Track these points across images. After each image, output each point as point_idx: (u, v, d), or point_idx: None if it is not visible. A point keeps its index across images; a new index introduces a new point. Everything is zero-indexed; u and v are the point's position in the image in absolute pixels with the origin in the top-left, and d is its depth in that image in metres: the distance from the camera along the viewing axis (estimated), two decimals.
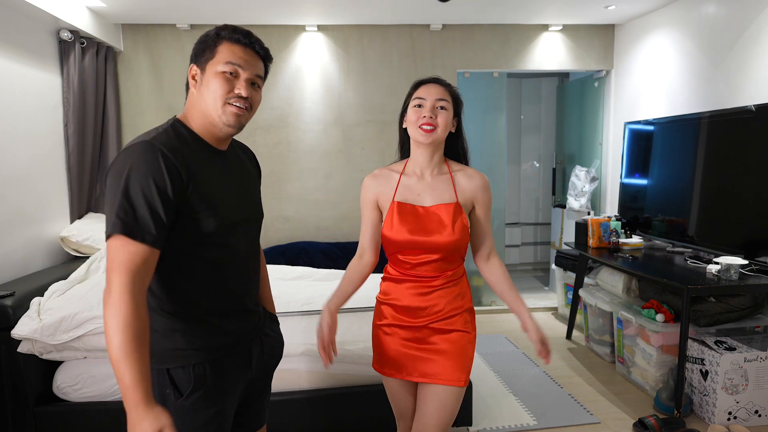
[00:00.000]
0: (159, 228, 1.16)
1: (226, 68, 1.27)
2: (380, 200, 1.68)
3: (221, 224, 1.28)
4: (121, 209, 1.14)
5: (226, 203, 1.31)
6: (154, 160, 1.16)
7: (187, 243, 1.25)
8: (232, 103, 1.27)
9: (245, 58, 1.30)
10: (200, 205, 1.24)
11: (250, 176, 1.49)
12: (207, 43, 1.30)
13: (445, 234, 1.58)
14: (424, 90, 1.62)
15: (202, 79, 1.29)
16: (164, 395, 1.28)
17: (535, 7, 3.83)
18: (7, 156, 2.89)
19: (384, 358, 1.68)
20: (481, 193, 1.66)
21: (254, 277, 1.47)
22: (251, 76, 1.31)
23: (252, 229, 1.46)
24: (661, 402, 2.83)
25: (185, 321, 1.29)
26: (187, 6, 3.57)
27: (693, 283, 2.65)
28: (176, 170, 1.19)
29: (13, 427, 2.34)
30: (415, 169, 1.67)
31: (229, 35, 1.29)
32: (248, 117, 1.33)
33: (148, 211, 1.14)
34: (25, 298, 2.42)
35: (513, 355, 3.66)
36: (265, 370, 1.51)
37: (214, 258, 1.30)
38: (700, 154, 3.19)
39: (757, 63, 3.01)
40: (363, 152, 4.34)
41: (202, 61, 1.29)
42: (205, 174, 1.27)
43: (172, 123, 1.30)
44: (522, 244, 6.19)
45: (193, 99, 1.31)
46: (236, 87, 1.28)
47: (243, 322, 1.40)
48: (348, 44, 4.25)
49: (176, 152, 1.21)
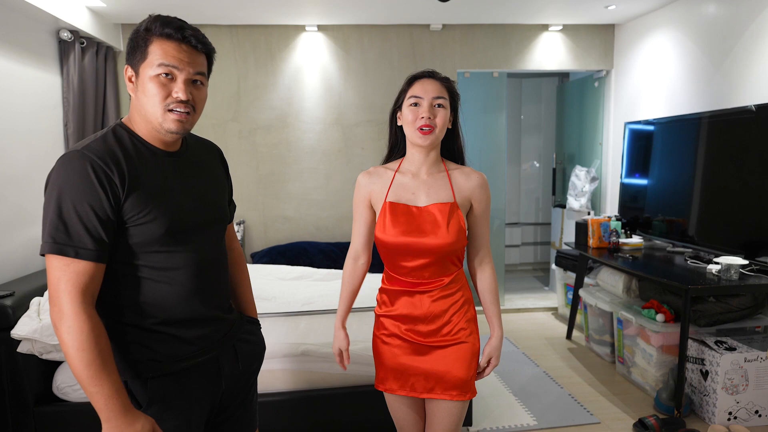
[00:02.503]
0: (96, 242, 1.11)
1: (160, 70, 1.16)
2: (373, 199, 1.62)
3: (170, 229, 1.20)
4: (54, 228, 1.10)
5: (176, 207, 1.23)
6: (83, 174, 1.11)
7: (136, 251, 1.19)
8: (172, 109, 1.18)
9: (179, 57, 1.17)
10: (143, 211, 1.17)
11: (211, 176, 1.38)
12: (137, 42, 1.19)
13: (440, 235, 1.51)
14: (420, 87, 1.54)
15: (137, 83, 1.20)
16: None
17: (535, 7, 3.83)
18: (6, 156, 2.89)
19: (385, 371, 1.63)
20: (479, 192, 1.59)
21: (220, 283, 1.38)
22: (190, 75, 1.19)
23: (212, 232, 1.34)
24: (661, 402, 2.82)
25: (141, 331, 1.23)
26: (187, 6, 3.57)
27: (693, 283, 2.65)
28: (108, 180, 1.13)
29: (13, 427, 2.34)
30: (411, 167, 1.60)
31: (160, 31, 1.17)
32: (193, 120, 1.24)
33: (82, 227, 1.10)
34: (25, 298, 2.41)
35: (513, 355, 3.66)
36: (242, 379, 1.43)
37: (167, 264, 1.22)
38: (700, 154, 3.19)
39: (757, 63, 3.01)
40: (363, 152, 4.34)
41: (134, 62, 1.20)
42: (149, 178, 1.20)
43: (113, 127, 1.23)
44: (522, 244, 6.19)
45: (134, 103, 1.22)
46: (174, 90, 1.18)
47: (208, 330, 1.31)
48: (348, 44, 4.25)
49: (112, 160, 1.15)
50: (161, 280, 1.22)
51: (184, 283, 1.25)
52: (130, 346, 1.23)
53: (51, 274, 1.10)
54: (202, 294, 1.29)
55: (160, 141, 1.25)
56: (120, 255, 1.18)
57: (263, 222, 4.31)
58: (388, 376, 1.62)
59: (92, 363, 1.09)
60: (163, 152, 1.26)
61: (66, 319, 1.09)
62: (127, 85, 1.23)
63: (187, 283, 1.26)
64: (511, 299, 4.90)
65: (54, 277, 1.10)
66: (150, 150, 1.23)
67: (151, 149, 1.24)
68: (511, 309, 4.66)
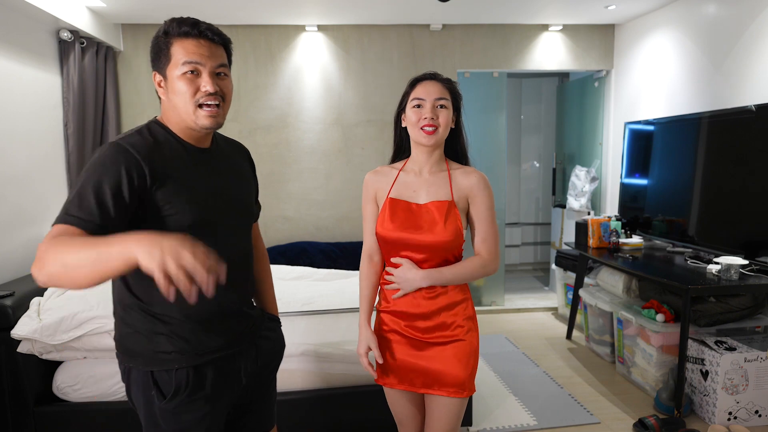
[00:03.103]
0: (104, 218, 1.11)
1: (186, 68, 1.22)
2: (378, 196, 1.67)
3: (196, 221, 1.24)
4: (69, 202, 1.12)
5: (204, 200, 1.27)
6: (113, 160, 1.16)
7: None
8: (203, 104, 1.23)
9: (201, 52, 1.24)
10: (171, 202, 1.21)
11: (239, 174, 1.44)
12: (159, 47, 1.26)
13: (436, 232, 1.54)
14: (422, 89, 1.58)
15: (167, 85, 1.26)
16: (148, 397, 1.27)
17: (535, 7, 3.83)
18: (6, 156, 2.89)
19: (384, 365, 1.65)
20: (477, 191, 1.59)
21: (245, 279, 1.42)
22: (213, 68, 1.25)
23: (239, 228, 1.39)
24: (661, 402, 2.82)
25: (168, 324, 1.27)
26: (187, 6, 3.57)
27: (693, 283, 2.65)
28: (138, 169, 1.17)
29: (13, 427, 2.34)
30: (414, 166, 1.65)
31: (177, 31, 1.24)
32: (224, 112, 1.29)
33: (95, 202, 1.11)
34: (25, 298, 2.41)
35: (513, 355, 3.66)
36: (262, 375, 1.47)
37: None
38: (700, 154, 3.19)
39: (757, 63, 3.01)
40: (363, 152, 4.34)
41: (160, 66, 1.26)
42: (180, 172, 1.24)
43: (149, 123, 1.29)
44: (522, 244, 6.19)
45: (166, 104, 1.29)
46: (201, 85, 1.23)
47: (232, 325, 1.35)
48: (348, 44, 4.25)
49: (145, 152, 1.20)
50: None
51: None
52: (158, 337, 1.27)
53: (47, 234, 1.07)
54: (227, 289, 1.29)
55: (191, 137, 1.30)
56: None
57: (263, 222, 4.30)
58: (387, 371, 1.65)
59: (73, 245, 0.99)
60: (194, 148, 1.31)
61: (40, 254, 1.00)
62: (158, 90, 1.29)
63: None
64: (511, 299, 4.90)
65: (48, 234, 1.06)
66: (182, 145, 1.29)
67: (183, 144, 1.29)
68: (511, 309, 4.66)
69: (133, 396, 1.32)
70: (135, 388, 1.30)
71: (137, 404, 1.32)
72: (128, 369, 1.31)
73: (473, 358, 1.62)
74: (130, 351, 1.29)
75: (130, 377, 1.31)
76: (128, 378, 1.32)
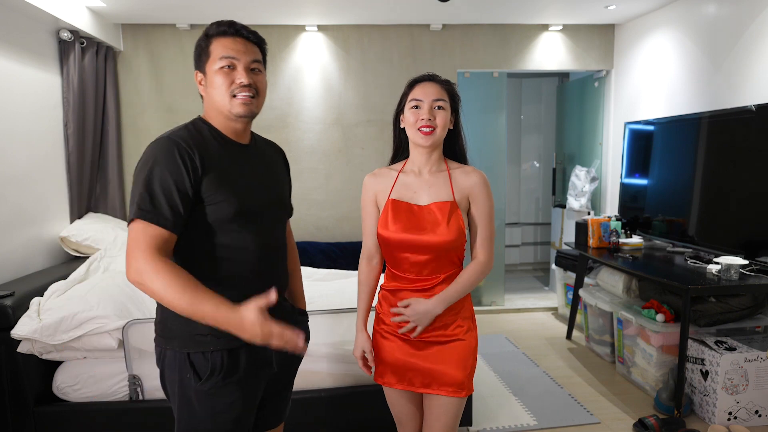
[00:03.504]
0: (175, 214, 1.26)
1: (223, 63, 1.34)
2: (378, 198, 1.67)
3: (239, 211, 1.34)
4: (141, 198, 1.25)
5: (245, 190, 1.37)
6: (170, 154, 1.27)
7: (211, 228, 1.33)
8: (236, 94, 1.34)
9: (237, 48, 1.36)
10: (217, 192, 1.32)
11: (276, 171, 1.55)
12: (201, 47, 1.38)
13: (439, 232, 1.55)
14: (420, 90, 1.59)
15: (206, 81, 1.38)
16: (183, 379, 1.35)
17: (535, 7, 3.83)
18: (6, 156, 2.89)
19: (383, 365, 1.66)
20: (477, 190, 1.60)
21: (280, 270, 1.51)
22: (248, 63, 1.36)
23: (276, 220, 1.49)
24: (661, 402, 2.82)
25: None
26: (187, 6, 3.57)
27: (693, 283, 2.65)
28: (191, 161, 1.28)
29: (13, 427, 2.34)
30: (413, 167, 1.65)
31: (216, 31, 1.37)
32: (258, 103, 1.40)
33: (164, 198, 1.25)
34: (25, 298, 2.41)
35: (513, 355, 3.66)
36: (287, 367, 1.55)
37: (237, 244, 1.36)
38: (700, 154, 3.19)
39: (757, 63, 3.01)
40: (363, 152, 4.34)
41: (201, 65, 1.39)
42: (223, 163, 1.35)
43: (194, 121, 1.41)
44: (522, 244, 6.19)
45: (206, 100, 1.41)
46: (236, 78, 1.34)
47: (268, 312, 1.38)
48: (348, 44, 4.25)
49: (193, 145, 1.31)
50: (231, 257, 1.36)
51: (250, 264, 1.39)
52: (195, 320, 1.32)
53: (131, 236, 1.24)
54: (264, 276, 1.42)
55: (232, 132, 1.41)
56: (198, 232, 1.33)
57: None
58: (386, 370, 1.66)
59: (185, 291, 1.19)
60: (234, 143, 1.42)
61: (145, 270, 1.20)
62: (199, 88, 1.42)
63: (253, 264, 1.39)
64: (511, 299, 4.90)
65: (133, 239, 1.23)
66: (224, 139, 1.40)
67: (225, 139, 1.40)
68: (511, 309, 4.66)
69: (168, 380, 1.39)
70: (170, 371, 1.37)
71: (171, 389, 1.39)
72: (164, 352, 1.38)
73: (472, 358, 1.62)
74: (168, 332, 1.37)
75: (165, 360, 1.38)
76: (163, 361, 1.39)
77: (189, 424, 1.37)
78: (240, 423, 1.39)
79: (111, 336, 2.32)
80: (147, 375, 2.36)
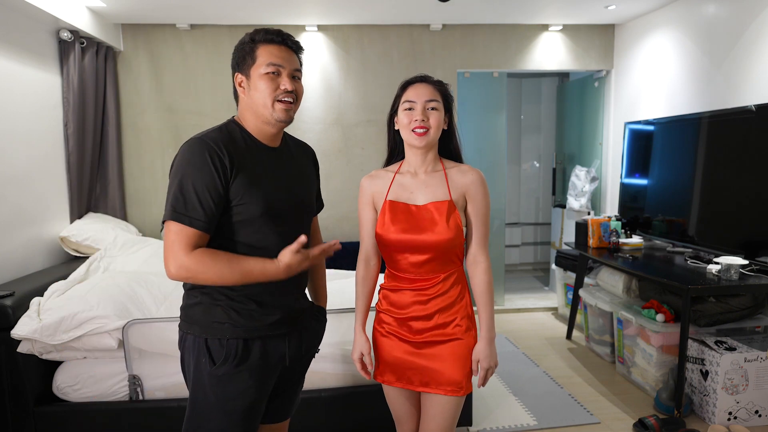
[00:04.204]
0: (208, 214, 1.33)
1: (270, 69, 1.40)
2: (376, 200, 1.67)
3: (266, 211, 1.40)
4: (175, 199, 1.32)
5: (272, 192, 1.43)
6: (202, 156, 1.33)
7: (237, 228, 1.39)
8: (281, 99, 1.41)
9: (283, 56, 1.43)
10: (246, 192, 1.37)
11: (303, 171, 1.60)
12: (245, 50, 1.43)
13: (437, 232, 1.55)
14: (413, 91, 1.60)
15: (249, 84, 1.43)
16: (199, 363, 1.41)
17: (535, 7, 3.83)
18: (6, 156, 2.89)
19: (383, 364, 1.67)
20: (473, 189, 1.61)
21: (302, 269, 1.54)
22: (292, 70, 1.44)
23: (300, 220, 1.54)
24: (661, 402, 2.82)
25: (228, 299, 1.41)
26: (187, 6, 3.57)
27: (693, 283, 2.65)
28: (221, 163, 1.34)
29: (13, 427, 2.34)
30: (409, 168, 1.66)
31: (264, 38, 1.43)
32: (296, 108, 1.48)
33: (197, 200, 1.32)
34: (25, 298, 2.42)
35: (513, 355, 3.66)
36: (300, 363, 1.59)
37: (261, 243, 1.41)
38: (700, 154, 3.19)
39: (757, 63, 3.01)
40: (363, 152, 4.34)
41: (244, 68, 1.43)
42: (252, 166, 1.41)
43: (227, 122, 1.46)
44: (522, 244, 6.19)
45: (244, 103, 1.46)
46: (281, 84, 1.41)
47: (285, 310, 1.48)
48: (348, 44, 4.25)
49: (225, 147, 1.36)
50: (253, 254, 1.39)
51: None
52: (215, 309, 1.42)
53: (167, 237, 1.32)
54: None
55: (264, 136, 1.48)
56: (225, 231, 1.39)
57: None
58: (385, 369, 1.66)
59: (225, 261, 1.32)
60: (265, 146, 1.48)
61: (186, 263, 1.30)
62: (238, 89, 1.47)
63: None
64: (511, 299, 4.90)
65: (170, 240, 1.31)
66: (255, 143, 1.46)
67: (256, 142, 1.46)
68: (511, 309, 4.66)
69: (186, 363, 1.47)
70: (188, 355, 1.45)
71: (188, 372, 1.46)
72: (185, 336, 1.46)
73: (471, 358, 1.62)
74: (190, 318, 1.45)
75: (185, 344, 1.46)
76: (183, 345, 1.47)
77: (201, 407, 1.43)
78: (250, 412, 1.44)
79: (111, 336, 2.32)
80: (147, 375, 2.36)
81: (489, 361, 1.60)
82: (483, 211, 1.63)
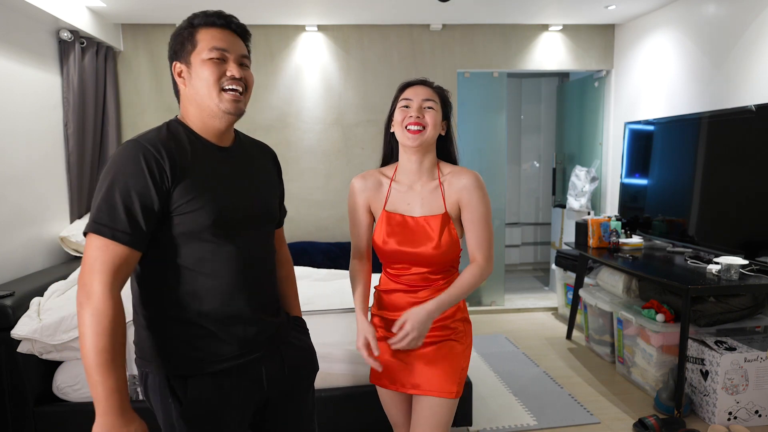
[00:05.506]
0: (134, 228, 1.14)
1: (213, 54, 1.23)
2: (372, 205, 1.66)
3: (217, 220, 1.21)
4: (98, 210, 1.14)
5: (224, 199, 1.24)
6: (136, 161, 1.15)
7: (182, 241, 1.21)
8: (226, 88, 1.23)
9: (228, 40, 1.26)
10: (192, 199, 1.19)
11: (263, 175, 1.40)
12: (183, 36, 1.26)
13: (431, 247, 1.53)
14: (411, 91, 1.56)
15: (190, 72, 1.24)
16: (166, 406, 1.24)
17: (535, 7, 3.83)
18: (6, 156, 2.89)
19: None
20: (466, 194, 1.54)
21: (266, 283, 1.37)
22: (238, 56, 1.27)
23: (260, 230, 1.35)
24: (661, 402, 2.82)
25: (182, 325, 1.24)
26: (187, 6, 3.56)
27: (693, 283, 2.65)
28: (159, 168, 1.16)
29: (13, 427, 2.34)
30: (405, 177, 1.61)
31: (204, 20, 1.26)
32: (246, 100, 1.29)
33: (124, 212, 1.13)
34: (25, 298, 2.41)
35: (513, 355, 3.66)
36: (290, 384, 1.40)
37: (211, 257, 1.23)
38: (700, 154, 3.19)
39: (757, 63, 3.01)
40: (363, 152, 4.34)
41: (184, 55, 1.25)
42: (200, 169, 1.23)
43: (169, 122, 1.28)
44: (522, 244, 6.19)
45: (186, 96, 1.27)
46: (227, 70, 1.24)
47: (251, 331, 1.29)
48: (348, 44, 4.25)
49: (164, 149, 1.18)
50: (204, 272, 1.23)
51: (227, 278, 1.25)
52: (172, 341, 1.25)
53: (87, 254, 1.13)
54: (245, 292, 1.28)
55: (212, 134, 1.29)
56: (166, 245, 1.21)
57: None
58: (381, 373, 1.64)
59: (105, 351, 1.11)
60: (215, 146, 1.29)
61: (93, 300, 1.11)
62: (177, 80, 1.27)
63: (230, 279, 1.26)
64: (511, 299, 4.90)
65: (90, 256, 1.12)
66: (202, 143, 1.27)
67: (203, 142, 1.27)
68: (511, 309, 4.66)
69: (152, 401, 1.29)
70: (153, 396, 1.28)
71: (156, 409, 1.29)
72: (145, 374, 1.29)
73: (464, 359, 1.61)
74: (146, 354, 1.28)
75: (147, 384, 1.29)
76: (145, 383, 1.30)
77: None
78: None
79: None
80: None
81: (416, 327, 1.46)
82: (479, 215, 1.55)
